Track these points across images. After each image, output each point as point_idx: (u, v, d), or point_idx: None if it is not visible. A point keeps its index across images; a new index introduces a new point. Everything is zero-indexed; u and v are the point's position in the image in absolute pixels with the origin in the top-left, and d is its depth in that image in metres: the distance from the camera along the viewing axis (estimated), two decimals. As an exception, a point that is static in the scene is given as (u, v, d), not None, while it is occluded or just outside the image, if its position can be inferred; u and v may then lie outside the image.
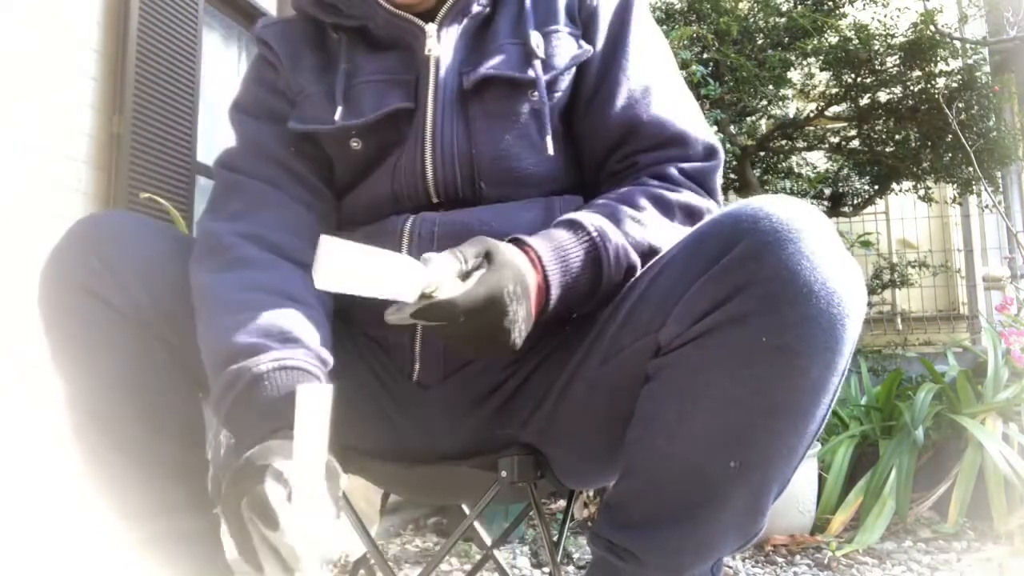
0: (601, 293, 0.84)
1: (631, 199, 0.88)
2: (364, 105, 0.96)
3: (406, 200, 0.95)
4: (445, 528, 2.46)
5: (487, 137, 0.94)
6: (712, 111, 3.43)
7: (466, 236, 0.88)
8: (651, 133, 0.93)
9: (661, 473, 0.77)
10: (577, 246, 0.82)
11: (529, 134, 0.94)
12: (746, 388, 0.71)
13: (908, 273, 4.48)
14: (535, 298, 0.79)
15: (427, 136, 0.94)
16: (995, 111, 3.67)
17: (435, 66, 0.96)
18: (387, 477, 1.06)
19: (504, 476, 0.88)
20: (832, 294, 0.68)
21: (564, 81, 0.96)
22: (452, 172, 0.94)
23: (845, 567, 2.16)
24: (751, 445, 0.72)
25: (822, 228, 0.71)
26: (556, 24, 0.97)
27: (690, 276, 0.74)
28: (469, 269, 0.75)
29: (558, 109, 0.96)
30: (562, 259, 0.81)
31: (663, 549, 0.78)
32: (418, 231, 0.92)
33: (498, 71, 0.93)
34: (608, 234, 0.83)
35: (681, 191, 0.90)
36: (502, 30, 0.98)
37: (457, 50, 0.97)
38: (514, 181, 0.94)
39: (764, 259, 0.69)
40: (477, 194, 0.94)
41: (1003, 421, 2.43)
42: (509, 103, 0.94)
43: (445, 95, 0.95)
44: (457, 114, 0.95)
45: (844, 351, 0.71)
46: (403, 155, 0.95)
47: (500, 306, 0.74)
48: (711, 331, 0.71)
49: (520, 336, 0.76)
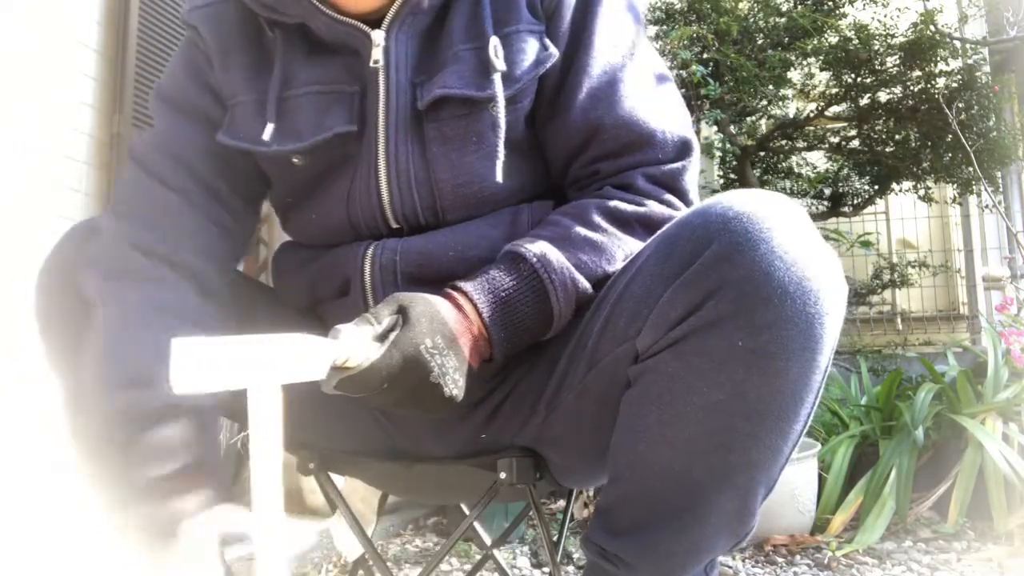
0: (557, 322, 0.81)
1: (585, 217, 0.84)
2: (300, 124, 0.88)
3: (364, 228, 0.91)
4: (445, 528, 2.46)
5: (446, 162, 0.87)
6: (712, 111, 3.43)
7: (430, 262, 0.86)
8: (614, 136, 0.87)
9: (646, 479, 0.76)
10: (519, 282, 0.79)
11: (493, 152, 0.86)
12: (725, 392, 0.69)
13: (908, 273, 4.48)
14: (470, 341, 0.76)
15: (380, 162, 0.87)
16: (995, 111, 3.66)
17: (384, 79, 0.88)
18: (385, 477, 1.06)
19: (503, 477, 0.88)
20: (808, 293, 0.67)
21: (528, 90, 0.88)
22: (411, 200, 0.88)
23: (845, 567, 2.15)
24: (734, 449, 0.71)
25: (796, 223, 0.69)
26: (517, 23, 0.88)
27: (663, 281, 0.72)
28: (384, 331, 0.72)
29: (524, 117, 0.90)
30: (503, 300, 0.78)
31: (653, 554, 0.77)
32: (379, 259, 0.88)
33: (452, 90, 0.85)
34: (552, 262, 0.79)
35: (644, 203, 0.86)
36: (456, 30, 0.89)
37: (408, 57, 0.88)
38: (479, 203, 0.89)
39: (736, 261, 0.67)
40: (440, 218, 0.89)
41: (1003, 421, 2.43)
42: (467, 122, 0.86)
43: (397, 114, 0.87)
44: (412, 136, 0.87)
45: (824, 349, 0.69)
46: (356, 180, 0.89)
47: (419, 364, 0.71)
48: (687, 336, 0.70)
49: (455, 386, 0.74)
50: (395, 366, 0.70)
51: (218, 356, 0.54)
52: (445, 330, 0.73)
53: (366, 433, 0.97)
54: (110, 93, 2.35)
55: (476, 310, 0.77)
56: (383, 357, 0.70)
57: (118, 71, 2.35)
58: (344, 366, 0.68)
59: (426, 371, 0.72)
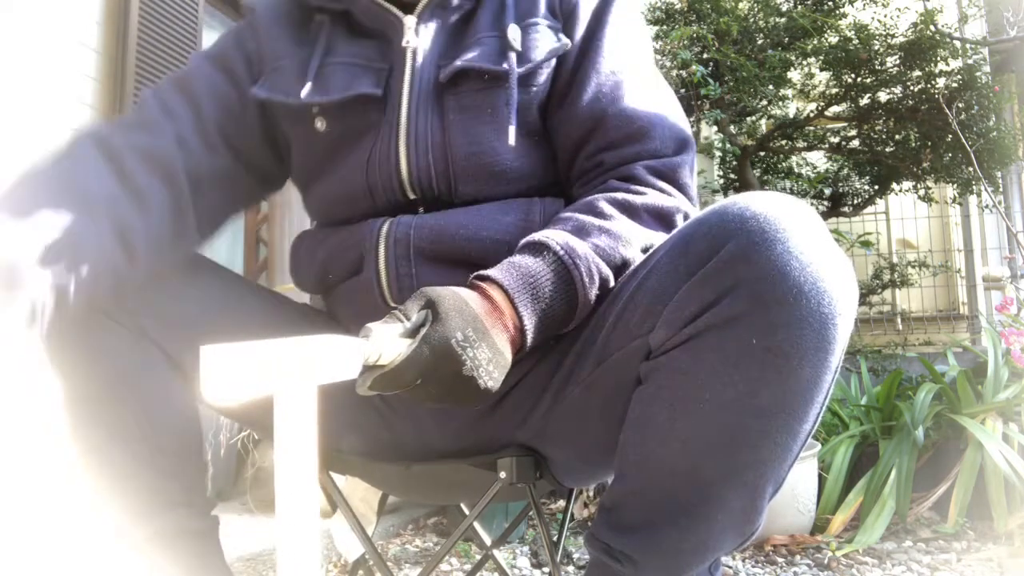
0: (580, 310, 0.81)
1: (595, 208, 0.86)
2: (332, 85, 0.96)
3: (381, 194, 0.94)
4: (445, 528, 2.46)
5: (461, 129, 0.93)
6: (712, 111, 3.43)
7: (442, 238, 0.89)
8: (616, 126, 0.92)
9: (655, 476, 0.77)
10: (545, 268, 0.79)
11: (504, 125, 0.92)
12: (737, 390, 0.70)
13: (908, 273, 4.48)
14: (503, 331, 0.75)
15: (401, 127, 0.94)
16: (995, 111, 3.66)
17: (411, 58, 0.96)
18: (385, 478, 1.06)
19: (503, 477, 0.88)
20: (823, 293, 0.68)
21: (542, 75, 0.95)
22: (426, 164, 0.93)
23: (845, 567, 2.16)
24: (744, 446, 0.72)
25: (811, 225, 0.70)
26: (536, 17, 0.96)
27: (679, 278, 0.73)
28: (413, 326, 0.72)
29: (537, 103, 0.95)
30: (531, 285, 0.78)
31: (660, 551, 0.78)
32: (394, 235, 0.91)
33: (472, 63, 0.93)
34: (575, 249, 0.80)
35: (647, 192, 0.88)
36: (482, 24, 0.97)
37: (435, 43, 0.97)
38: (489, 176, 0.93)
39: (752, 260, 0.68)
40: (452, 189, 0.93)
41: (1003, 421, 2.43)
42: (484, 96, 0.93)
43: (421, 87, 0.95)
44: (432, 106, 0.94)
45: (836, 350, 0.70)
46: (377, 145, 0.95)
47: (451, 358, 0.70)
48: (701, 334, 0.70)
49: (490, 378, 0.73)
50: (427, 361, 0.70)
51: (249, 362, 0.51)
52: (476, 322, 0.73)
53: (367, 432, 0.97)
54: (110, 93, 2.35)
55: (505, 295, 0.77)
56: (414, 353, 0.69)
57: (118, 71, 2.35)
58: (376, 364, 0.68)
59: (459, 364, 0.71)
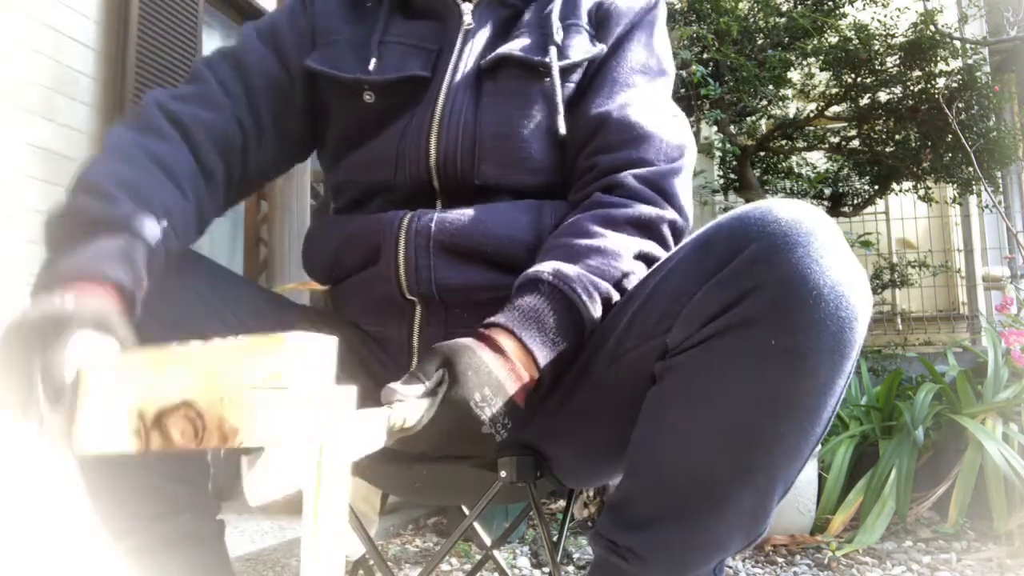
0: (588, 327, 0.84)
1: (582, 229, 0.88)
2: (386, 64, 1.01)
3: (406, 165, 0.98)
4: (445, 528, 2.46)
5: (492, 111, 0.97)
6: (712, 111, 3.43)
7: (461, 233, 0.92)
8: (616, 130, 0.95)
9: (666, 474, 0.77)
10: (543, 299, 0.82)
11: (534, 116, 0.97)
12: (753, 390, 0.71)
13: (908, 273, 4.48)
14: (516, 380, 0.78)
15: (439, 104, 0.98)
16: (995, 111, 3.67)
17: (462, 42, 1.02)
18: (385, 478, 1.06)
19: (504, 476, 0.88)
20: (841, 297, 0.69)
21: (576, 74, 1.00)
22: (454, 140, 0.96)
23: (845, 567, 2.16)
24: (757, 447, 0.72)
25: (830, 231, 0.72)
26: (578, 20, 1.02)
27: (698, 279, 0.74)
28: (432, 387, 0.75)
29: (566, 97, 0.98)
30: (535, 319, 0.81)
31: (668, 549, 0.78)
32: (415, 227, 0.93)
33: (514, 52, 0.98)
34: (567, 274, 0.83)
35: (631, 205, 0.90)
36: (529, 21, 1.03)
37: (485, 33, 1.03)
38: (513, 160, 0.96)
39: (774, 262, 0.69)
40: (475, 168, 0.96)
41: (1003, 421, 2.43)
42: (520, 84, 0.98)
43: (464, 70, 1.00)
44: (471, 89, 0.99)
45: (852, 354, 0.71)
46: (414, 118, 0.99)
47: (471, 419, 0.75)
48: (720, 333, 0.71)
49: (505, 430, 0.77)
50: (447, 420, 0.74)
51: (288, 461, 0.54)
52: (491, 380, 0.76)
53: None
54: (110, 93, 2.35)
55: (514, 337, 0.80)
56: (436, 418, 0.73)
57: (118, 71, 2.35)
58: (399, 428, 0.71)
59: (478, 424, 0.75)
